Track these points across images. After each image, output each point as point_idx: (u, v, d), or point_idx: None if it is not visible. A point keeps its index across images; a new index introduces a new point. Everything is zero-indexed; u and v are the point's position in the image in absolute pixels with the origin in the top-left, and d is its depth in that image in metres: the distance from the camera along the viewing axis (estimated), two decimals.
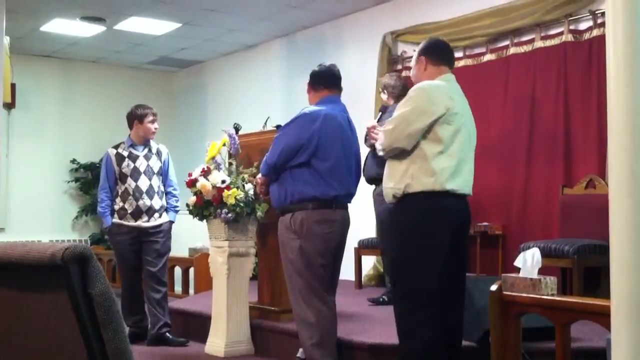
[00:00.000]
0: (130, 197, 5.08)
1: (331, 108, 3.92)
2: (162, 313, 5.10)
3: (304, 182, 3.80)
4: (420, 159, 3.27)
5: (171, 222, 5.21)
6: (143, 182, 5.10)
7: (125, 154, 5.16)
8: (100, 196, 5.19)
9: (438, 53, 3.53)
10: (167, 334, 5.09)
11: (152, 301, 5.10)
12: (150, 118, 5.18)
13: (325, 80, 4.02)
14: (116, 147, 5.23)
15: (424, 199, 3.26)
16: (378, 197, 5.05)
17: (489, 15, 6.09)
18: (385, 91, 5.41)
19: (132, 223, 5.08)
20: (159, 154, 5.26)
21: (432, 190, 3.24)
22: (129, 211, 5.08)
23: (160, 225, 5.14)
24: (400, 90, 5.19)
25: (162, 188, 5.22)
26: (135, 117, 5.20)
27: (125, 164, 5.12)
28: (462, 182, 3.32)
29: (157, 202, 5.14)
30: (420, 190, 3.25)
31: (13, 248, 1.38)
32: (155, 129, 5.22)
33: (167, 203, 5.22)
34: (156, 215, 5.13)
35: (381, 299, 5.30)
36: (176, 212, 5.25)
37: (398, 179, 3.32)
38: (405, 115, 3.30)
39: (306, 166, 3.80)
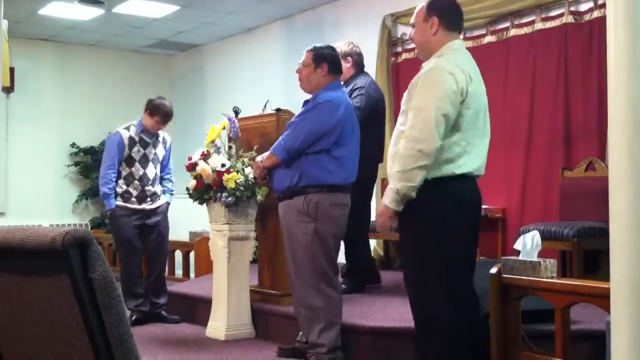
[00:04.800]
0: (136, 182, 5.18)
1: (343, 92, 3.93)
2: (160, 292, 5.30)
3: (321, 168, 3.74)
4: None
5: (168, 203, 5.39)
6: (150, 170, 5.23)
7: (137, 139, 5.18)
8: (109, 176, 5.13)
9: (454, 17, 3.15)
10: (163, 312, 5.28)
11: (151, 281, 5.28)
12: (159, 119, 5.15)
13: (340, 67, 4.01)
14: (127, 128, 5.21)
15: (442, 185, 3.00)
16: None
17: None
18: (350, 59, 5.05)
19: (136, 206, 5.19)
20: (164, 142, 5.37)
21: (449, 175, 3.00)
22: (134, 195, 5.18)
23: (159, 207, 5.31)
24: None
25: (159, 174, 5.35)
26: (149, 108, 5.19)
27: (136, 148, 5.17)
28: (478, 165, 3.10)
29: (158, 188, 5.33)
30: (436, 177, 2.99)
31: (13, 233, 1.37)
32: (159, 129, 5.23)
33: (163, 186, 5.38)
34: (157, 199, 5.31)
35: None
36: (171, 194, 5.43)
37: None
38: (431, 103, 2.92)
39: (325, 152, 3.74)
